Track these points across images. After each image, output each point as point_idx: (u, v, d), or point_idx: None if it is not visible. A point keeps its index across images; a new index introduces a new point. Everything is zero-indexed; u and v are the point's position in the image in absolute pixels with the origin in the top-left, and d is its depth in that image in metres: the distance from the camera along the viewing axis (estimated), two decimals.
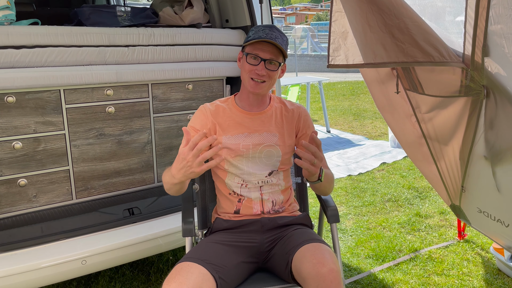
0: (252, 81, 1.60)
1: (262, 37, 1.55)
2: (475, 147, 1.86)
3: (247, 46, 1.60)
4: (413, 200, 3.62)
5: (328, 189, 1.70)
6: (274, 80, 1.63)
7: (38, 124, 2.08)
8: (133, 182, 2.42)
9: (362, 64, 1.77)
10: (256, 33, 1.59)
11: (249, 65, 1.59)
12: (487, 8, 1.45)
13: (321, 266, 1.38)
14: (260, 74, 1.57)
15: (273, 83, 1.64)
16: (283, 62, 1.63)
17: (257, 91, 1.61)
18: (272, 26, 1.62)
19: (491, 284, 2.39)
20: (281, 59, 1.61)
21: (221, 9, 2.81)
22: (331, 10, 1.86)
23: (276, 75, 1.63)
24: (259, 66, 1.57)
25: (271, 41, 1.54)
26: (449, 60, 1.56)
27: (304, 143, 1.41)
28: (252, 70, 1.58)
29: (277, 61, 1.59)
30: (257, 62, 1.57)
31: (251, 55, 1.58)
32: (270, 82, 1.61)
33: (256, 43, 1.58)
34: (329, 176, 1.66)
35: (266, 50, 1.57)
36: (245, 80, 1.63)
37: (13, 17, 2.03)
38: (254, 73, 1.58)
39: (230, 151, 1.66)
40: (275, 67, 1.60)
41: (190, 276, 1.37)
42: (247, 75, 1.60)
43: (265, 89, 1.63)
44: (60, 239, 1.96)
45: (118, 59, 2.22)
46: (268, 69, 1.58)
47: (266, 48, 1.57)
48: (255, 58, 1.58)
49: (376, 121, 6.80)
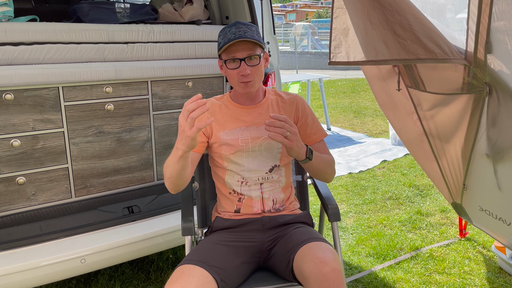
0: (241, 84, 1.58)
1: (231, 39, 1.52)
2: (477, 145, 1.85)
3: (222, 53, 1.58)
4: (414, 198, 3.61)
5: (326, 173, 1.67)
6: (261, 74, 1.61)
7: (36, 122, 2.07)
8: (133, 180, 2.40)
9: (364, 61, 1.76)
10: (224, 37, 1.56)
11: (231, 70, 1.57)
12: (490, 5, 1.44)
13: (323, 265, 1.37)
14: (245, 74, 1.55)
15: (262, 76, 1.62)
16: (262, 52, 1.61)
17: (249, 90, 1.60)
18: (236, 23, 1.59)
19: (492, 282, 2.38)
20: (259, 51, 1.58)
21: (221, 6, 2.79)
22: (332, 6, 1.85)
23: (262, 68, 1.61)
24: (241, 67, 1.55)
25: (241, 39, 1.51)
26: (451, 57, 1.55)
27: (271, 115, 1.42)
28: (236, 73, 1.57)
29: (256, 54, 1.56)
30: (238, 64, 1.55)
31: (229, 60, 1.56)
32: (258, 77, 1.60)
33: (229, 47, 1.55)
34: (324, 158, 1.64)
35: (240, 49, 1.54)
36: (234, 85, 1.62)
37: (11, 14, 2.02)
38: (239, 75, 1.56)
39: (229, 147, 1.64)
40: (256, 61, 1.57)
41: (192, 280, 1.36)
42: (234, 80, 1.59)
43: (256, 85, 1.61)
44: (59, 238, 1.95)
45: (117, 56, 2.21)
46: (251, 66, 1.56)
47: (239, 47, 1.54)
48: (234, 61, 1.56)
49: (377, 118, 6.78)
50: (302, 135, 1.72)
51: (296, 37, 14.72)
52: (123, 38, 2.22)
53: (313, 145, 1.73)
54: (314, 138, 1.73)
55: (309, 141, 1.73)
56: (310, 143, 1.73)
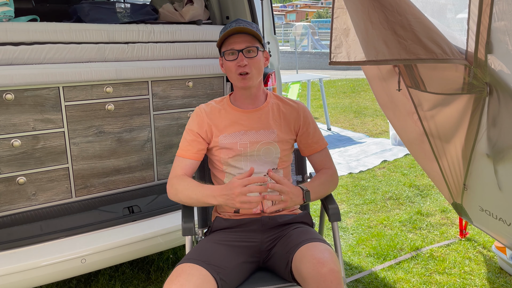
0: (239, 77, 1.59)
1: (231, 31, 1.56)
2: (477, 145, 1.85)
3: (222, 47, 1.61)
4: (414, 198, 3.61)
5: (327, 193, 1.72)
6: (259, 69, 1.62)
7: (37, 122, 2.07)
8: (133, 180, 2.40)
9: (364, 61, 1.75)
10: (224, 31, 1.60)
11: (229, 62, 1.59)
12: (490, 5, 1.44)
13: (321, 266, 1.37)
14: (242, 65, 1.56)
15: (260, 72, 1.63)
16: (261, 47, 1.62)
17: (247, 83, 1.60)
18: (238, 19, 1.63)
19: (493, 282, 2.38)
20: (257, 44, 1.60)
21: (222, 6, 2.79)
22: (333, 6, 1.85)
23: (260, 63, 1.61)
24: (239, 58, 1.57)
25: (239, 28, 1.54)
26: (451, 57, 1.54)
27: (271, 185, 1.46)
28: (234, 64, 1.58)
29: (254, 46, 1.58)
30: (236, 56, 1.58)
31: (228, 52, 1.58)
32: (256, 71, 1.60)
33: (228, 39, 1.58)
34: (323, 184, 1.68)
35: (239, 41, 1.57)
36: (233, 79, 1.62)
37: (12, 14, 2.02)
38: (237, 66, 1.57)
39: (228, 151, 1.64)
40: (254, 53, 1.59)
41: (191, 278, 1.36)
42: (232, 73, 1.60)
43: (254, 79, 1.61)
44: (60, 238, 1.95)
45: (118, 56, 2.21)
46: (248, 58, 1.57)
47: (238, 39, 1.57)
48: (233, 53, 1.58)
49: (377, 118, 6.78)
50: (303, 144, 1.75)
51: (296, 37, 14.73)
52: (123, 38, 2.23)
53: (315, 154, 1.75)
54: (315, 148, 1.74)
55: (311, 150, 1.75)
56: (312, 152, 1.75)
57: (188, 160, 1.66)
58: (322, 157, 1.75)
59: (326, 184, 1.69)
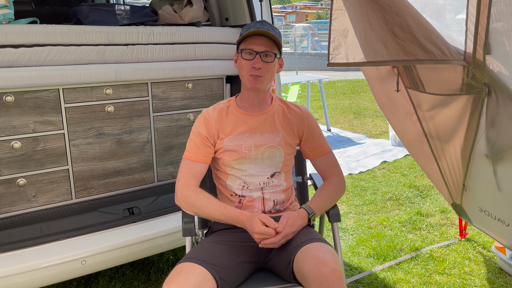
0: (250, 77, 1.59)
1: (254, 31, 1.55)
2: (476, 145, 1.85)
3: (241, 43, 1.61)
4: (414, 198, 3.61)
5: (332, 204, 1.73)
6: (272, 75, 1.62)
7: (37, 124, 2.07)
8: (133, 181, 2.41)
9: (363, 62, 1.76)
10: (247, 29, 1.60)
11: (245, 61, 1.59)
12: (488, 6, 1.44)
13: (323, 266, 1.37)
14: (256, 67, 1.56)
15: (272, 78, 1.63)
16: (278, 54, 1.62)
17: (257, 85, 1.60)
18: (263, 21, 1.62)
19: (492, 283, 2.38)
20: (276, 50, 1.60)
21: (221, 8, 2.80)
22: (331, 8, 1.85)
23: (274, 69, 1.62)
24: (255, 59, 1.57)
25: (263, 31, 1.54)
26: (450, 58, 1.55)
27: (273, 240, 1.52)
28: (249, 64, 1.58)
29: (272, 52, 1.58)
30: (253, 56, 1.58)
31: (246, 50, 1.58)
32: (268, 76, 1.61)
33: (249, 38, 1.58)
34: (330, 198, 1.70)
35: (259, 43, 1.57)
36: (243, 78, 1.62)
37: (12, 16, 2.02)
38: (251, 67, 1.58)
39: (232, 153, 1.65)
40: (271, 59, 1.59)
41: (191, 277, 1.36)
42: (245, 72, 1.60)
43: (264, 84, 1.62)
44: (60, 239, 1.96)
45: (117, 58, 2.21)
46: (264, 62, 1.58)
47: (259, 41, 1.57)
48: (250, 53, 1.58)
49: (377, 119, 6.79)
50: (308, 148, 1.76)
51: (296, 38, 14.74)
52: (123, 40, 2.23)
53: (319, 158, 1.76)
54: (319, 152, 1.76)
55: (315, 155, 1.76)
56: (316, 156, 1.76)
57: (197, 163, 1.65)
58: (328, 162, 1.76)
59: (333, 197, 1.71)
